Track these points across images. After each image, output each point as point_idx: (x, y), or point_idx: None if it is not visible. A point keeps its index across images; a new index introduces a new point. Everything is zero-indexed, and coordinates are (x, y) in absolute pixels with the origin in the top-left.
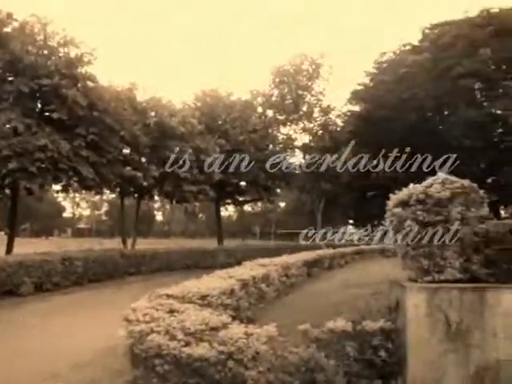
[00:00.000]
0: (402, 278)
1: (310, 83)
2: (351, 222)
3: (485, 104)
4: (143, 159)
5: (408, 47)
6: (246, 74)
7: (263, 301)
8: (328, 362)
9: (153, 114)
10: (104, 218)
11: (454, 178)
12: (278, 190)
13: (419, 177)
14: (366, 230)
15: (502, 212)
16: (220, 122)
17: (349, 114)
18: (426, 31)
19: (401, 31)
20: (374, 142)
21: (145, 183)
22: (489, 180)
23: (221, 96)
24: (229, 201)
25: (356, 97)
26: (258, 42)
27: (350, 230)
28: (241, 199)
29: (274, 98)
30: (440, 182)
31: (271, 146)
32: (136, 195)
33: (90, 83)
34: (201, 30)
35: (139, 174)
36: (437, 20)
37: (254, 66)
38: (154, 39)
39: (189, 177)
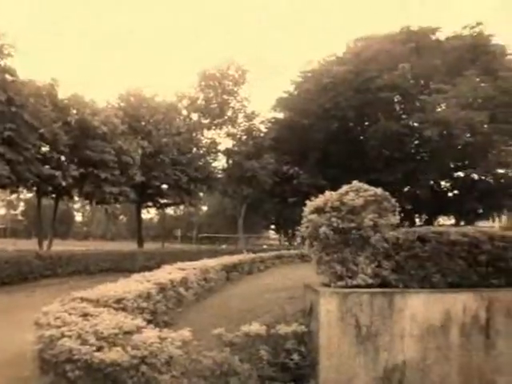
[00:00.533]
0: (317, 283)
1: (235, 88)
2: (273, 227)
3: (403, 116)
4: (63, 158)
5: (332, 58)
6: (179, 76)
7: (181, 305)
8: (242, 365)
9: (74, 111)
10: (20, 217)
11: (367, 187)
12: (201, 194)
13: (339, 184)
14: (287, 235)
15: (417, 220)
16: (143, 123)
17: (273, 120)
18: (350, 44)
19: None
20: (296, 149)
21: (64, 183)
22: (405, 189)
23: (145, 97)
24: (150, 203)
25: (281, 104)
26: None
27: (272, 235)
28: (163, 202)
29: (199, 102)
30: (354, 190)
31: (195, 150)
32: (54, 195)
33: (8, 77)
34: (137, 31)
35: (58, 174)
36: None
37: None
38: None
39: (110, 177)
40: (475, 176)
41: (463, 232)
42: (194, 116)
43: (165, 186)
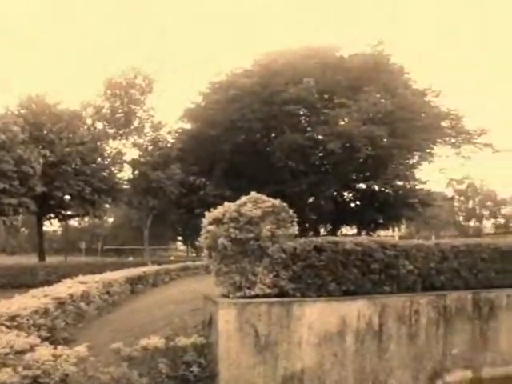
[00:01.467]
0: (217, 294)
1: (142, 98)
2: (180, 238)
3: (308, 129)
4: None
5: (240, 70)
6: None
7: (82, 320)
8: (141, 379)
9: None
10: None
11: (265, 198)
12: (106, 205)
13: (246, 195)
14: (194, 247)
15: (322, 230)
16: (45, 132)
17: (180, 131)
18: (258, 57)
19: None
20: (203, 159)
21: None
22: (310, 200)
23: (48, 104)
24: (53, 215)
25: (188, 115)
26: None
27: (180, 247)
28: (66, 213)
29: (104, 111)
30: (252, 201)
31: (99, 160)
32: None
33: None
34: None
35: None
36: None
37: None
38: None
39: (8, 188)
40: (376, 187)
41: (357, 241)
42: (99, 125)
43: (68, 197)
